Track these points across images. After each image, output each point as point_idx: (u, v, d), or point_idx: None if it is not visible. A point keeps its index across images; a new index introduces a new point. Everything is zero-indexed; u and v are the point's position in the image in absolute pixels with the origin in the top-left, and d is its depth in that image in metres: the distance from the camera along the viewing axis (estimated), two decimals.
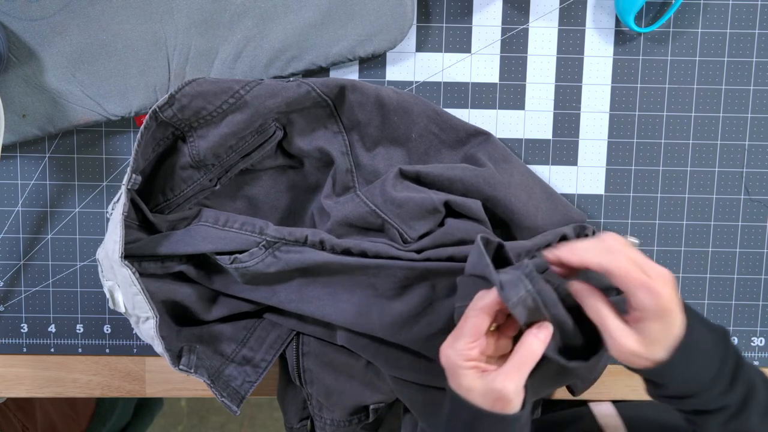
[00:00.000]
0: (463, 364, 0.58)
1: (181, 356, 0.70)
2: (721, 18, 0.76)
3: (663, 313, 0.54)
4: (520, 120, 0.78)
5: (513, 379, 0.57)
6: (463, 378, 0.58)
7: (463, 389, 0.58)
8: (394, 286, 0.71)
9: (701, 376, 0.57)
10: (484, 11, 0.77)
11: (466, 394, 0.58)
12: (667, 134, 0.78)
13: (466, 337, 0.58)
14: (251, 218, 0.72)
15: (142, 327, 0.68)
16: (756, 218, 0.79)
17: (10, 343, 0.81)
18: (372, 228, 0.72)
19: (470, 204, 0.70)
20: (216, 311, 0.75)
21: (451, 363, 0.58)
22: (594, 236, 0.70)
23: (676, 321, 0.55)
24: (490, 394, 0.57)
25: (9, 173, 0.78)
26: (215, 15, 0.73)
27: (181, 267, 0.72)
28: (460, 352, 0.58)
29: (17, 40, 0.73)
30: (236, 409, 0.71)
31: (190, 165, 0.71)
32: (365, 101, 0.71)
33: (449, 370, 0.59)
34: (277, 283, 0.73)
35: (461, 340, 0.58)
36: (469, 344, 0.58)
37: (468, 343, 0.58)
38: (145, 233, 0.71)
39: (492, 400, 0.57)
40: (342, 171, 0.74)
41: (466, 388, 0.58)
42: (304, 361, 0.76)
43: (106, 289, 0.69)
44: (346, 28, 0.74)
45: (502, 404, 0.57)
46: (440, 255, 0.70)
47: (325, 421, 0.77)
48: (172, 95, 0.67)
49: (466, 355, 0.58)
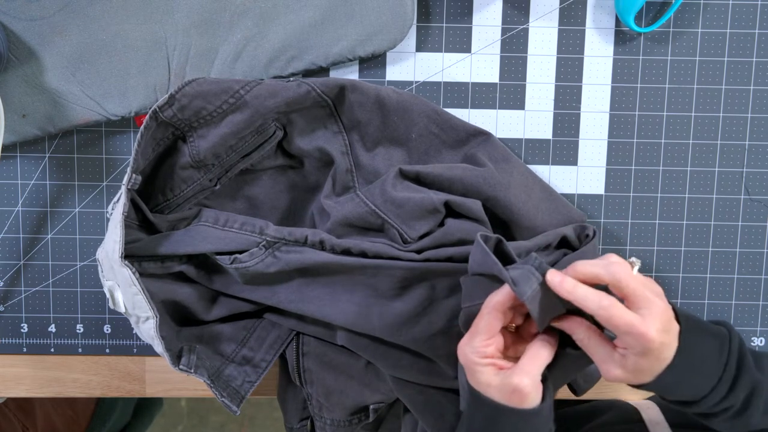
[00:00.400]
0: (480, 361, 0.59)
1: (181, 356, 0.70)
2: (721, 18, 0.76)
3: (648, 353, 0.55)
4: (520, 120, 0.78)
5: (528, 373, 0.58)
6: (481, 375, 0.59)
7: (481, 386, 0.60)
8: (394, 286, 0.71)
9: (701, 386, 0.58)
10: (484, 11, 0.77)
11: (485, 390, 0.59)
12: (667, 134, 0.78)
13: (482, 334, 0.60)
14: (251, 218, 0.72)
15: (142, 327, 0.68)
16: (756, 218, 0.79)
17: (10, 343, 0.81)
18: (372, 228, 0.72)
19: (470, 204, 0.70)
20: (216, 311, 0.75)
21: (469, 360, 0.60)
22: (593, 239, 0.70)
23: (663, 354, 0.56)
24: (506, 389, 0.58)
25: (9, 173, 0.78)
26: (215, 15, 0.73)
27: (181, 267, 0.72)
28: (477, 349, 0.59)
29: (17, 40, 0.73)
30: (236, 409, 0.71)
31: (190, 165, 0.71)
32: (365, 101, 0.71)
33: (467, 367, 0.61)
34: (277, 283, 0.73)
35: (477, 338, 0.60)
36: (484, 342, 0.59)
37: (483, 340, 0.59)
38: (145, 233, 0.71)
39: (509, 395, 0.58)
40: (342, 171, 0.74)
41: (484, 384, 0.59)
42: (304, 361, 0.76)
43: (106, 289, 0.69)
44: (346, 28, 0.74)
45: (518, 398, 0.58)
46: (440, 255, 0.70)
47: (325, 421, 0.77)
48: (172, 95, 0.67)
49: (483, 353, 0.59)
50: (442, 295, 0.71)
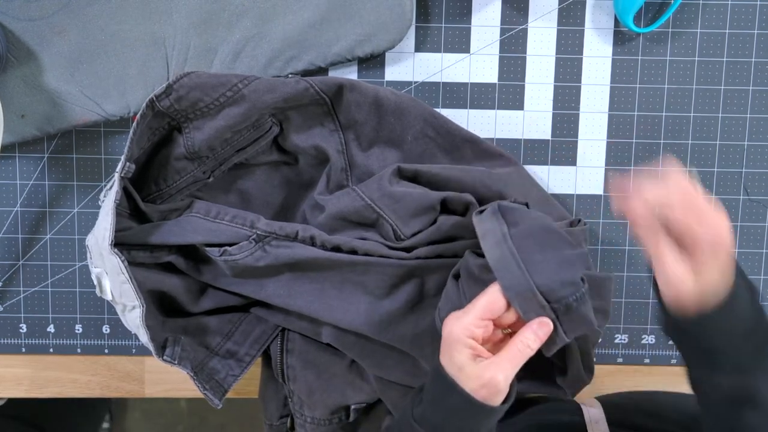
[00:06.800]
0: (464, 340, 0.57)
1: (165, 347, 0.70)
2: (720, 18, 0.76)
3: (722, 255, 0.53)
4: (519, 120, 0.78)
5: (504, 370, 0.56)
6: (458, 354, 0.57)
7: (453, 367, 0.57)
8: (383, 284, 0.71)
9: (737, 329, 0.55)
10: (483, 11, 0.77)
11: (456, 372, 0.57)
12: (666, 134, 0.78)
13: (477, 311, 0.57)
14: (243, 211, 0.72)
15: (128, 316, 0.68)
16: (755, 218, 0.79)
17: (9, 343, 0.81)
18: (365, 223, 0.72)
19: (466, 198, 0.70)
20: (203, 303, 0.75)
21: (452, 336, 0.57)
22: (584, 228, 0.69)
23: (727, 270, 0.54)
24: (478, 381, 0.56)
25: (8, 173, 0.78)
26: (214, 15, 0.73)
27: (170, 257, 0.72)
28: (466, 326, 0.57)
29: (16, 41, 0.73)
30: (218, 402, 0.71)
31: (185, 156, 0.71)
32: (363, 101, 0.71)
33: (446, 343, 0.58)
34: (265, 277, 0.73)
35: (470, 315, 0.57)
36: (476, 320, 0.57)
37: (476, 318, 0.57)
38: (135, 222, 0.71)
39: (478, 386, 0.56)
40: (337, 169, 0.74)
41: (456, 366, 0.57)
42: (288, 357, 0.77)
43: (93, 275, 0.69)
44: (344, 28, 0.74)
45: (487, 392, 0.56)
46: (429, 254, 0.70)
47: (305, 419, 0.77)
48: (169, 85, 0.67)
49: (470, 332, 0.57)
50: (430, 294, 0.71)
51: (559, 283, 0.58)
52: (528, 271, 0.58)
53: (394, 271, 0.70)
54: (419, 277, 0.71)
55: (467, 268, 0.65)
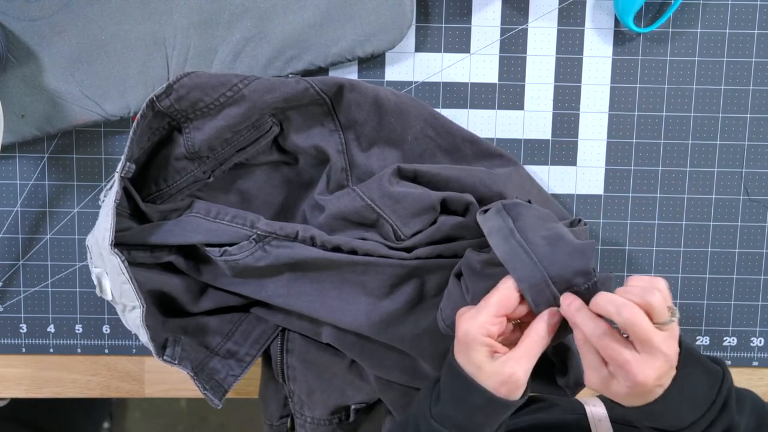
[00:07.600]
0: (481, 339, 0.56)
1: (165, 347, 0.70)
2: (720, 18, 0.76)
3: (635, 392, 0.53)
4: (519, 120, 0.78)
5: (522, 364, 0.56)
6: (475, 353, 0.56)
7: (471, 365, 0.57)
8: (383, 284, 0.71)
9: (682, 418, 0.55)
10: (483, 11, 0.77)
11: (475, 371, 0.56)
12: (667, 134, 0.78)
13: (491, 308, 0.57)
14: (243, 211, 0.72)
15: (128, 316, 0.68)
16: (755, 218, 0.79)
17: (9, 343, 0.81)
18: (366, 223, 0.72)
19: (467, 198, 0.71)
20: (203, 303, 0.75)
21: (469, 336, 0.56)
22: (585, 227, 0.69)
23: (650, 395, 0.53)
24: (498, 378, 0.55)
25: (8, 173, 0.78)
26: (214, 15, 0.73)
27: (170, 257, 0.72)
28: (482, 324, 0.56)
29: (16, 40, 0.73)
30: (218, 402, 0.71)
31: (185, 156, 0.71)
32: (363, 101, 0.71)
33: (462, 344, 0.57)
34: (266, 277, 0.73)
35: (484, 313, 0.57)
36: (491, 318, 0.56)
37: (491, 316, 0.56)
38: (135, 222, 0.71)
39: (499, 384, 0.56)
40: (337, 169, 0.74)
41: (475, 365, 0.56)
42: (288, 357, 0.77)
43: (93, 275, 0.69)
44: (345, 29, 0.74)
45: (507, 389, 0.56)
46: (429, 254, 0.70)
47: (305, 419, 0.77)
48: (169, 85, 0.67)
49: (487, 330, 0.56)
50: (430, 294, 0.71)
51: (572, 272, 0.57)
52: (540, 261, 0.58)
53: (394, 272, 0.70)
54: (419, 277, 0.71)
55: (469, 265, 0.65)
